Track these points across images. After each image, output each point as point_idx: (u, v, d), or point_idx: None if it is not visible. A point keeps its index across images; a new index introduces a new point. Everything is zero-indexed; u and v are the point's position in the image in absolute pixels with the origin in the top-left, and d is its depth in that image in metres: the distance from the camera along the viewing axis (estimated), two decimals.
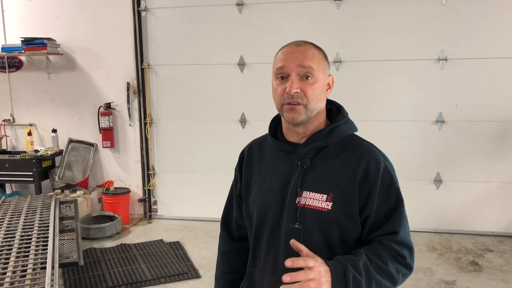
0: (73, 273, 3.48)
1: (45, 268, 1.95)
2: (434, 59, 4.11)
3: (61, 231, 2.64)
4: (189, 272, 3.54)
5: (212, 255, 3.80)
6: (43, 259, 2.05)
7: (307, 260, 1.07)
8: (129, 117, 4.70)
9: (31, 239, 2.27)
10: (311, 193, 1.23)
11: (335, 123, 1.27)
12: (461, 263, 3.69)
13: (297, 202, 1.24)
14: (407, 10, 4.07)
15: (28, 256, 2.07)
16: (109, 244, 4.11)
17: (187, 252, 3.95)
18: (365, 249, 1.19)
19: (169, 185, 4.81)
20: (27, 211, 2.73)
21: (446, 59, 4.08)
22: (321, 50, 1.27)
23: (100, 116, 4.68)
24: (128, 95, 4.64)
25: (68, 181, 4.69)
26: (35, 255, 2.09)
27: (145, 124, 4.69)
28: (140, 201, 4.83)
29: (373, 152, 1.26)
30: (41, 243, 2.24)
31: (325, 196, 1.21)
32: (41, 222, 2.55)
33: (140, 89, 4.63)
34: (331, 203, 1.21)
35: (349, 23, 4.18)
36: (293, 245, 1.13)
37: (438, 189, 4.31)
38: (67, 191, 4.60)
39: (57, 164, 4.77)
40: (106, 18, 4.56)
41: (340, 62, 4.23)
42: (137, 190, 4.83)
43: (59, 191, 4.63)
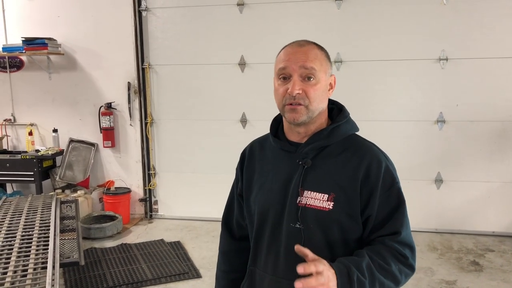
0: (74, 273, 3.48)
1: (46, 268, 1.95)
2: (434, 59, 4.10)
3: (62, 231, 2.64)
4: (190, 272, 3.54)
5: (212, 255, 3.80)
6: (44, 259, 2.05)
7: (318, 265, 1.07)
8: (130, 117, 4.71)
9: (32, 239, 2.27)
10: (312, 192, 1.23)
11: (337, 123, 1.27)
12: (461, 263, 3.69)
13: (298, 201, 1.23)
14: (408, 10, 4.07)
15: (29, 256, 2.07)
16: (109, 244, 4.11)
17: (188, 252, 3.95)
18: (367, 250, 1.19)
19: (170, 185, 4.81)
20: (28, 211, 2.74)
21: (446, 59, 4.08)
22: (324, 50, 1.26)
23: (101, 116, 4.69)
24: (128, 95, 4.65)
25: (69, 181, 4.69)
26: (36, 255, 2.09)
27: (146, 124, 4.70)
28: (140, 201, 4.83)
29: (375, 152, 1.26)
30: (42, 243, 2.24)
31: (326, 195, 1.21)
32: (42, 222, 2.55)
33: (140, 89, 4.63)
34: (332, 203, 1.21)
35: (349, 23, 4.18)
36: (298, 251, 1.12)
37: (438, 189, 4.31)
38: (68, 191, 4.61)
39: (58, 164, 4.77)
40: (107, 18, 4.56)
41: (340, 62, 4.23)
42: (137, 190, 4.83)
43: (60, 191, 4.63)
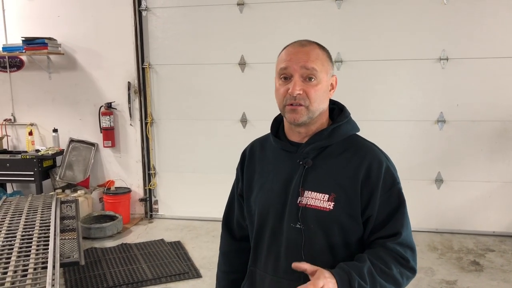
0: (74, 273, 3.48)
1: (46, 267, 1.94)
2: (435, 58, 4.10)
3: (62, 231, 2.64)
4: (190, 272, 3.54)
5: (213, 255, 3.80)
6: (44, 258, 2.05)
7: (317, 283, 1.07)
8: (130, 116, 4.70)
9: (32, 239, 2.27)
10: (313, 192, 1.22)
11: (338, 123, 1.27)
12: (462, 263, 3.69)
13: (298, 201, 1.23)
14: (408, 9, 4.06)
15: (29, 255, 2.07)
16: (110, 243, 4.11)
17: (188, 251, 3.94)
18: (368, 254, 1.19)
19: (170, 184, 4.81)
20: (28, 211, 2.73)
21: (447, 59, 4.08)
22: (326, 50, 1.26)
23: (101, 115, 4.68)
24: (129, 95, 4.64)
25: (69, 180, 4.69)
26: (36, 254, 2.09)
27: (146, 123, 4.69)
28: (141, 200, 4.83)
29: (376, 152, 1.26)
30: (42, 243, 2.24)
31: (327, 196, 1.21)
32: (42, 221, 2.55)
33: (141, 89, 4.63)
34: (333, 203, 1.20)
35: (350, 23, 4.17)
36: (296, 267, 1.13)
37: (439, 189, 4.30)
38: (68, 191, 4.61)
39: (58, 163, 4.77)
40: (107, 17, 4.56)
41: (341, 61, 4.22)
42: (138, 189, 4.83)
43: (60, 190, 4.63)
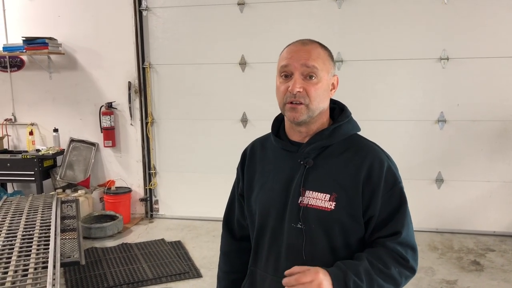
0: (75, 273, 3.48)
1: (46, 267, 1.94)
2: (435, 58, 4.10)
3: (63, 231, 2.64)
4: (190, 271, 3.54)
5: (213, 255, 3.80)
6: (44, 258, 2.05)
7: (302, 277, 1.09)
8: (131, 116, 4.70)
9: (32, 239, 2.27)
10: (314, 192, 1.22)
11: (338, 123, 1.27)
12: (462, 263, 3.69)
13: (299, 201, 1.23)
14: (409, 9, 4.06)
15: (29, 255, 2.07)
16: (110, 243, 4.11)
17: (188, 251, 3.94)
18: (367, 254, 1.19)
19: (170, 184, 4.81)
20: (28, 211, 2.73)
21: (447, 59, 4.08)
22: (327, 49, 1.26)
23: (101, 115, 4.68)
24: (129, 95, 4.64)
25: (69, 180, 4.69)
26: (37, 254, 2.09)
27: (147, 123, 4.70)
28: (141, 200, 4.83)
29: (377, 152, 1.26)
30: (43, 243, 2.24)
31: (328, 195, 1.21)
32: (42, 221, 2.55)
33: (141, 89, 4.63)
34: (334, 203, 1.20)
35: (350, 22, 4.17)
36: (290, 273, 1.13)
37: (439, 189, 4.30)
38: (68, 191, 4.61)
39: (59, 163, 4.77)
40: (107, 17, 4.56)
41: (341, 61, 4.22)
42: (138, 189, 4.83)
43: (60, 190, 4.63)
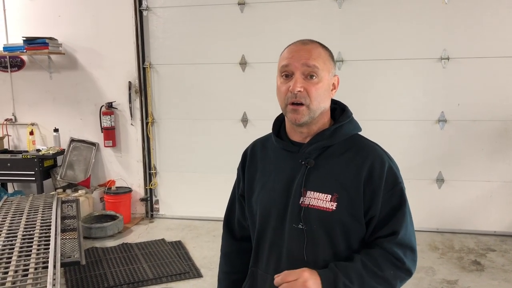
0: (75, 273, 3.48)
1: (46, 267, 1.94)
2: (436, 58, 4.09)
3: (63, 231, 2.64)
4: (191, 271, 3.54)
5: (213, 255, 3.80)
6: (44, 258, 2.05)
7: (288, 275, 1.12)
8: (131, 116, 4.70)
9: (33, 239, 2.27)
10: (315, 193, 1.22)
11: (339, 123, 1.27)
12: (463, 263, 3.69)
13: (301, 202, 1.23)
14: (409, 9, 4.06)
15: (30, 255, 2.07)
16: (110, 243, 4.11)
17: (189, 251, 3.94)
18: (362, 255, 1.19)
19: (171, 184, 4.81)
20: (29, 211, 2.73)
21: (448, 58, 4.07)
22: (328, 49, 1.26)
23: (102, 115, 4.68)
24: (129, 95, 4.64)
25: (70, 180, 4.69)
26: (37, 254, 2.09)
27: (147, 123, 4.69)
28: (141, 200, 4.83)
29: (378, 152, 1.26)
30: (43, 243, 2.23)
31: (329, 196, 1.21)
32: (43, 221, 2.55)
33: (141, 89, 4.63)
34: (336, 203, 1.20)
35: (350, 22, 4.17)
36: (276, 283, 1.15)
37: (440, 189, 4.30)
38: (69, 191, 4.61)
39: (59, 163, 4.77)
40: (107, 17, 4.56)
41: (342, 61, 4.22)
42: (138, 189, 4.83)
43: (61, 190, 4.63)
